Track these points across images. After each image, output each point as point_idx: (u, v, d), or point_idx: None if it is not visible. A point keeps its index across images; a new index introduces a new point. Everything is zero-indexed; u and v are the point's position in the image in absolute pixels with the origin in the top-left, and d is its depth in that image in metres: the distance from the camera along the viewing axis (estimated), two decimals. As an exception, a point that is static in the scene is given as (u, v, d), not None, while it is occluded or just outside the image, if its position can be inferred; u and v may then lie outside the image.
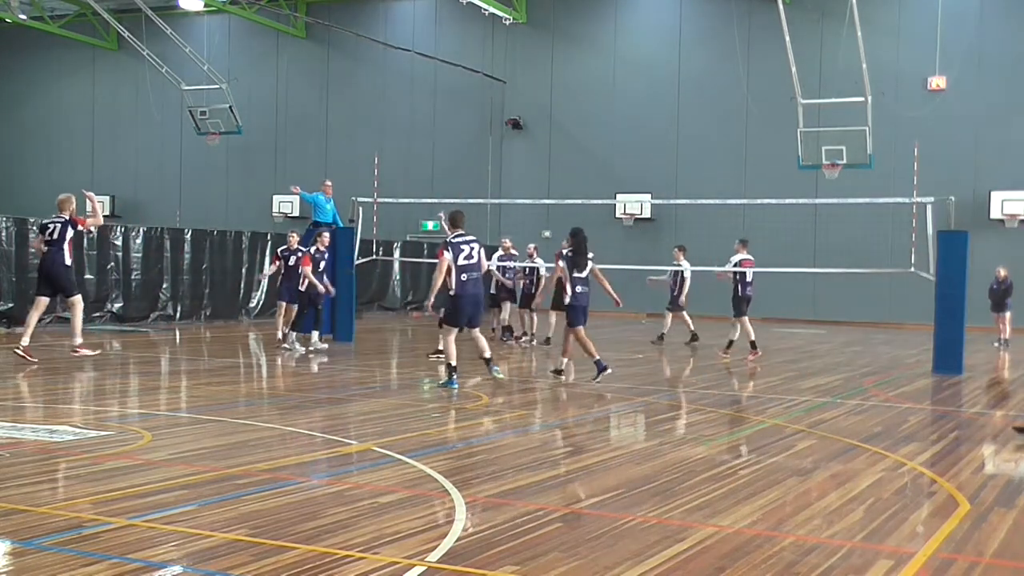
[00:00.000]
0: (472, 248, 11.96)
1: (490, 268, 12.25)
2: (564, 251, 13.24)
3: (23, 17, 32.57)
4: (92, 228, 15.03)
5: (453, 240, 11.95)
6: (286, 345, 16.06)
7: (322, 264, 16.23)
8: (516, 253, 18.98)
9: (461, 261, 11.83)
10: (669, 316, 19.17)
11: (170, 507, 5.88)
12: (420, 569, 4.82)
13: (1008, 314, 20.92)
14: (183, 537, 5.27)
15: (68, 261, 13.41)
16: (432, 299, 13.62)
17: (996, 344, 20.65)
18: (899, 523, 5.98)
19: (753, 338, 16.56)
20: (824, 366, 15.93)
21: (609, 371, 12.68)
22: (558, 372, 13.11)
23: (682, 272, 18.92)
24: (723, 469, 7.43)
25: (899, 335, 23.50)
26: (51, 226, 13.47)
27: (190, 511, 5.81)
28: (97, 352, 13.81)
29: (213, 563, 4.85)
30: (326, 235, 16.62)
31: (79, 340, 13.51)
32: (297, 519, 5.68)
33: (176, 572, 4.74)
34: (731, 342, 17.05)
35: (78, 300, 13.62)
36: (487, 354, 12.35)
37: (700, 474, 7.23)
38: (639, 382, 13.77)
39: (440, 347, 14.93)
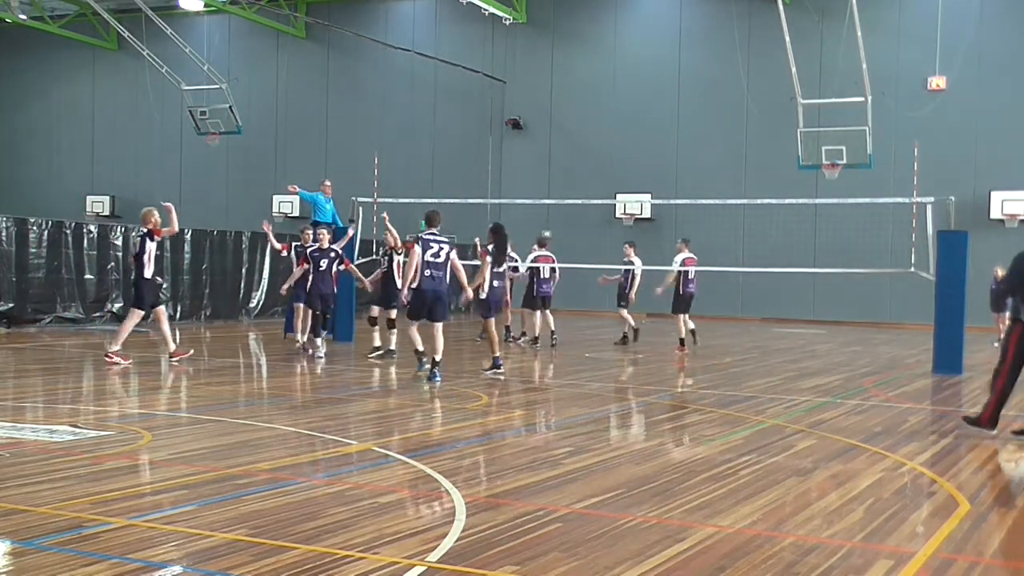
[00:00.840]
0: (441, 248, 12.50)
1: (456, 266, 12.68)
2: (488, 246, 13.97)
3: (23, 17, 32.55)
4: (166, 236, 15.27)
5: (425, 236, 12.54)
6: (310, 351, 15.77)
7: (323, 263, 16.06)
8: (516, 256, 18.89)
9: (428, 257, 12.41)
10: (624, 312, 19.10)
11: (170, 507, 5.89)
12: (420, 569, 4.82)
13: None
14: (183, 537, 5.27)
15: (147, 273, 13.75)
16: (406, 291, 13.80)
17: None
18: (899, 523, 5.98)
19: (683, 336, 17.63)
20: (824, 366, 15.93)
21: (501, 372, 13.10)
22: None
23: (632, 269, 18.98)
24: (723, 469, 7.43)
25: (899, 335, 23.49)
26: (134, 241, 13.75)
27: (190, 511, 5.81)
28: (129, 362, 13.64)
29: (213, 563, 4.85)
30: (325, 233, 16.55)
31: (116, 347, 13.48)
32: (297, 519, 5.68)
33: (176, 572, 4.74)
34: (692, 332, 18.14)
35: (135, 314, 13.83)
36: (438, 356, 12.43)
37: (700, 474, 7.23)
38: (639, 382, 13.79)
39: (377, 344, 15.51)
